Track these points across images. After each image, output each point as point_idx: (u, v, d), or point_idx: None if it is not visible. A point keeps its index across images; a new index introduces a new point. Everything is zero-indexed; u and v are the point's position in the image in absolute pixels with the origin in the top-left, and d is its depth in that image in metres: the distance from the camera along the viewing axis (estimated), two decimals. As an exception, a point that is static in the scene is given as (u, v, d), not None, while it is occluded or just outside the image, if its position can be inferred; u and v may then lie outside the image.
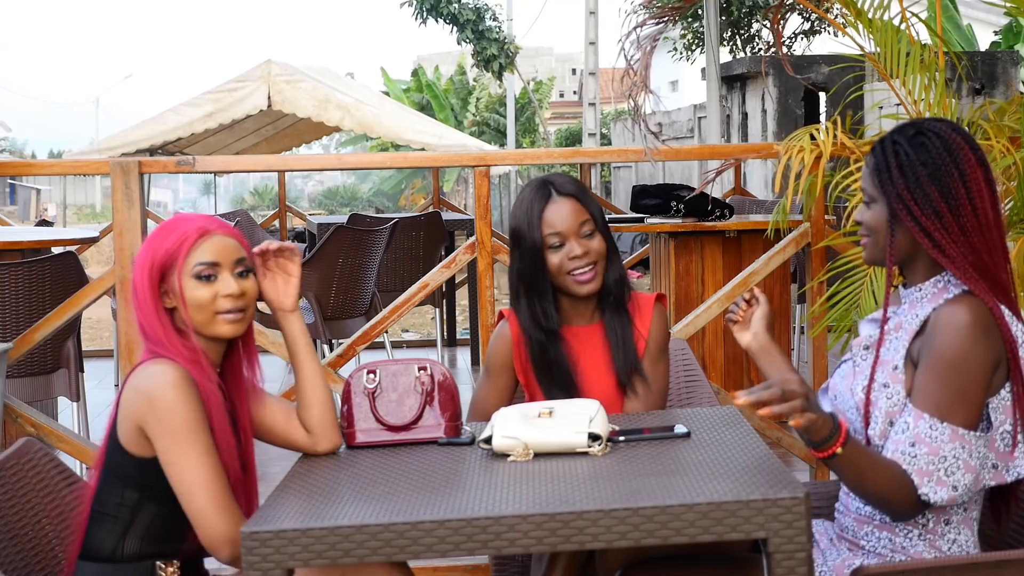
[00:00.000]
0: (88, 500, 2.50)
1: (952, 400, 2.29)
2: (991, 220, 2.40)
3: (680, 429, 2.51)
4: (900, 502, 2.30)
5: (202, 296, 2.49)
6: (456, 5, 19.48)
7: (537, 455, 2.40)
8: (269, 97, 9.88)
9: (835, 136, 3.99)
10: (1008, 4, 4.25)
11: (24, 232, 7.07)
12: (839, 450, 2.24)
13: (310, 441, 2.63)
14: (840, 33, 4.28)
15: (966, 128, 3.79)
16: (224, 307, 2.51)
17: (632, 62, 4.19)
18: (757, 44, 15.86)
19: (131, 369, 2.51)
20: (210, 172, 6.65)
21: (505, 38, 20.13)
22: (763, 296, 2.73)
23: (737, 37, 15.95)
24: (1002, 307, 2.36)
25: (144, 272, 2.50)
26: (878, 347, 2.46)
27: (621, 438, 2.48)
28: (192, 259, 2.49)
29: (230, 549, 2.37)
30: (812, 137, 4.00)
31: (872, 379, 2.42)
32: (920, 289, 2.45)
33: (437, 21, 19.74)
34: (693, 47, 16.72)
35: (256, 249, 2.64)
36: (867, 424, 2.41)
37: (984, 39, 16.38)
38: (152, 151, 10.40)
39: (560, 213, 2.87)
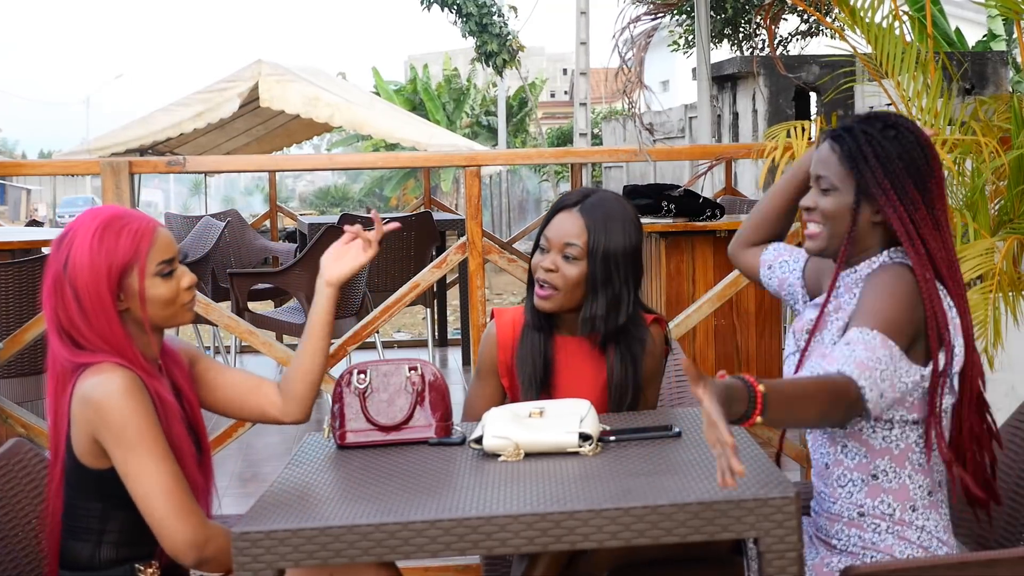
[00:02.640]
0: (54, 515, 2.47)
1: (884, 320, 2.28)
2: (946, 216, 2.44)
3: (671, 429, 2.52)
4: (843, 403, 2.19)
5: (166, 293, 2.47)
6: None
7: (528, 455, 2.40)
8: (255, 92, 9.88)
9: (810, 136, 3.99)
10: (996, 4, 4.25)
11: (14, 232, 7.06)
12: (761, 388, 2.06)
13: (280, 411, 2.64)
14: (834, 34, 4.29)
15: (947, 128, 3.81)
16: (185, 299, 2.50)
17: (626, 59, 4.19)
18: (755, 42, 15.87)
19: (67, 379, 2.43)
20: (200, 172, 6.64)
21: (508, 34, 20.11)
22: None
23: (738, 34, 15.96)
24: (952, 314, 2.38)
25: (100, 276, 2.41)
26: (812, 331, 2.47)
27: (612, 438, 2.48)
28: (153, 258, 2.45)
29: (195, 554, 2.35)
30: (789, 134, 4.01)
31: (802, 360, 2.43)
32: (856, 271, 2.48)
33: (443, 9, 19.71)
34: (691, 44, 16.72)
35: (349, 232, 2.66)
36: None
37: (971, 39, 16.41)
38: (143, 151, 10.39)
39: (561, 223, 2.83)
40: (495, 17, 19.93)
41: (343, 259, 2.67)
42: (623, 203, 2.87)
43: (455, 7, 19.54)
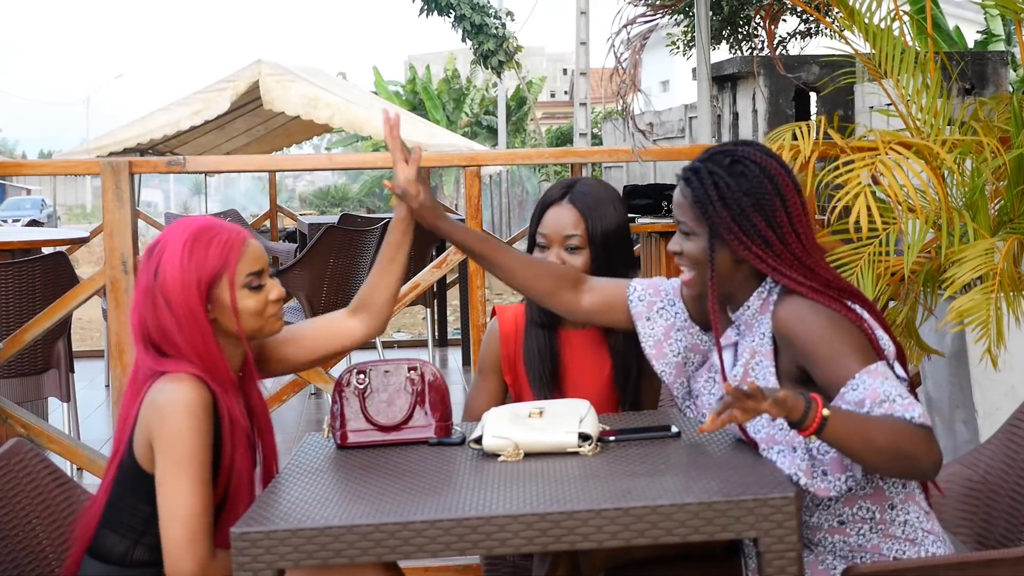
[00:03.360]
0: (100, 501, 2.49)
1: (846, 357, 2.27)
2: (813, 241, 2.42)
3: (671, 429, 2.52)
4: (915, 440, 2.18)
5: (254, 305, 2.49)
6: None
7: (527, 455, 2.40)
8: (253, 91, 9.88)
9: (816, 135, 3.99)
10: (996, 4, 4.25)
11: (14, 232, 7.06)
12: (825, 412, 2.16)
13: (363, 327, 2.70)
14: (835, 34, 4.29)
15: (954, 125, 3.80)
16: (272, 311, 2.53)
17: (622, 60, 4.19)
18: (755, 42, 15.88)
19: (143, 382, 2.46)
20: (201, 172, 6.64)
21: (504, 35, 20.12)
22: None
23: (736, 34, 15.96)
24: (858, 309, 2.36)
25: (191, 288, 2.43)
26: (723, 376, 2.45)
27: (611, 438, 2.48)
28: (241, 270, 2.48)
29: None
30: (795, 136, 4.01)
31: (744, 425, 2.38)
32: (748, 307, 2.45)
33: (440, 15, 19.75)
34: (691, 45, 16.73)
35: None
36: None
37: (970, 39, 16.41)
38: (142, 151, 10.39)
39: (555, 218, 2.85)
40: (491, 19, 19.94)
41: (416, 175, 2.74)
42: (605, 184, 2.93)
43: (450, 11, 19.56)
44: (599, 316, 2.74)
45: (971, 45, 15.43)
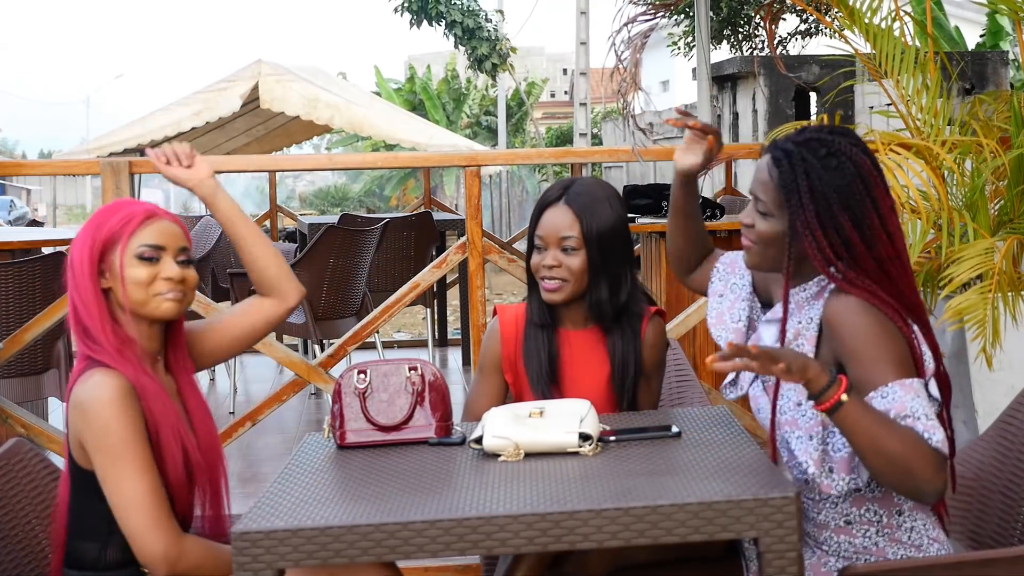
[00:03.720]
0: (62, 515, 2.48)
1: (884, 364, 2.25)
2: (903, 247, 2.36)
3: (671, 429, 2.52)
4: (924, 460, 2.17)
5: (141, 275, 2.49)
6: (444, 6, 19.46)
7: (528, 455, 2.40)
8: (256, 92, 9.88)
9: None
10: (996, 4, 4.25)
11: (14, 232, 7.06)
12: (844, 397, 2.16)
13: (277, 303, 2.74)
14: (835, 34, 4.29)
15: (951, 126, 3.80)
16: (161, 289, 2.51)
17: (622, 60, 4.19)
18: (755, 42, 15.87)
19: (72, 379, 2.47)
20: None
21: (497, 37, 20.11)
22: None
23: (736, 34, 15.95)
24: (914, 326, 2.34)
25: (85, 248, 2.49)
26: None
27: (612, 438, 2.48)
28: (137, 239, 2.49)
29: (165, 568, 2.37)
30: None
31: (778, 388, 2.39)
32: (805, 289, 2.43)
33: (431, 24, 19.75)
34: (691, 45, 16.72)
35: (158, 157, 2.78)
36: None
37: (971, 39, 16.41)
38: (142, 151, 10.38)
39: (551, 219, 2.86)
40: (483, 22, 19.93)
41: (191, 168, 2.81)
42: (602, 183, 2.92)
43: (441, 19, 19.57)
44: (695, 285, 2.87)
45: (972, 46, 15.42)
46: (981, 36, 15.30)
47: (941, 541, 2.40)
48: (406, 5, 19.40)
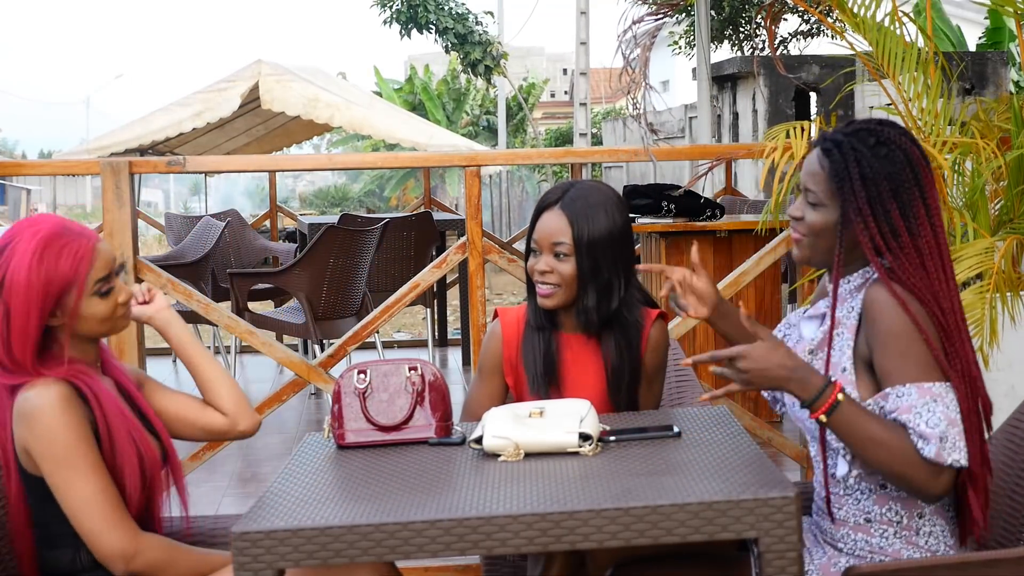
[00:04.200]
0: (23, 527, 2.46)
1: (911, 363, 2.27)
2: (944, 242, 2.38)
3: (671, 429, 2.52)
4: (915, 469, 2.22)
5: (104, 310, 2.48)
6: (434, 14, 19.45)
7: (528, 455, 2.40)
8: (256, 92, 9.88)
9: (810, 135, 3.99)
10: (996, 4, 4.25)
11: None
12: (840, 396, 2.22)
13: (229, 423, 2.67)
14: (835, 34, 4.29)
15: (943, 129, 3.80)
16: (120, 313, 2.53)
17: (630, 59, 4.19)
18: (755, 42, 15.86)
19: (6, 401, 2.43)
20: (200, 172, 6.64)
21: (489, 41, 20.10)
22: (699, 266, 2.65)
23: (738, 34, 15.95)
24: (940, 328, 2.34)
25: (34, 296, 2.39)
26: (828, 350, 2.42)
27: (612, 438, 2.48)
28: (92, 277, 2.45)
29: (123, 565, 2.37)
30: (789, 135, 4.00)
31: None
32: (849, 281, 2.44)
33: (421, 32, 19.76)
34: (691, 44, 16.72)
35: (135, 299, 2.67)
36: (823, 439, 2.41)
37: (972, 39, 16.40)
38: (142, 151, 10.39)
39: (546, 224, 2.84)
40: (473, 26, 19.92)
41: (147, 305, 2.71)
42: (601, 189, 2.88)
43: (431, 26, 19.56)
44: None
45: (972, 47, 15.42)
46: (981, 37, 15.29)
47: (957, 551, 2.40)
48: (394, 16, 19.42)
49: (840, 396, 2.22)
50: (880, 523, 2.39)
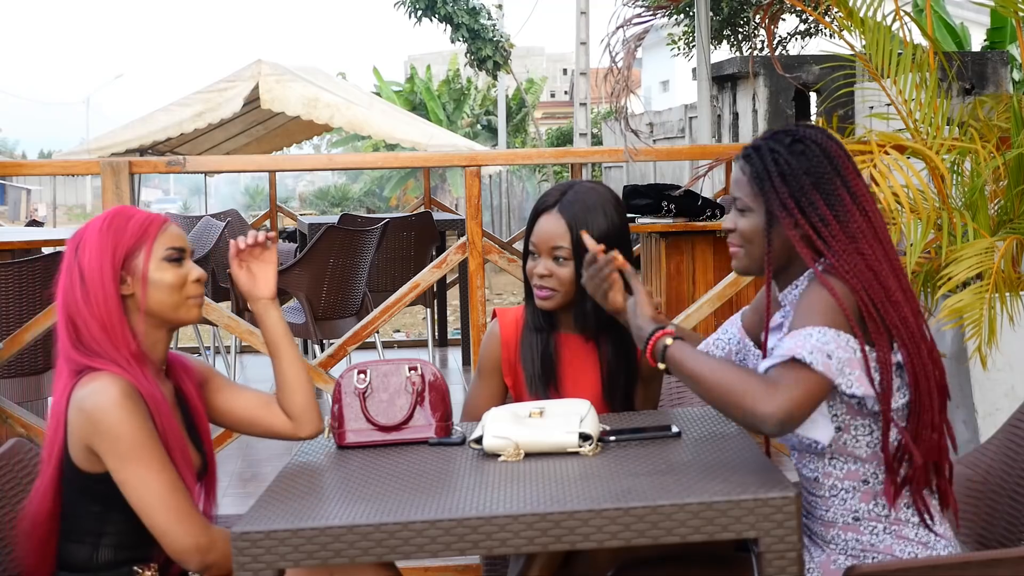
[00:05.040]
0: (41, 511, 2.45)
1: (812, 318, 2.26)
2: (879, 223, 2.40)
3: (671, 429, 2.52)
4: (746, 379, 2.20)
5: (170, 278, 2.47)
6: (451, 5, 19.42)
7: (528, 455, 2.40)
8: (257, 92, 9.88)
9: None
10: (994, 3, 4.25)
11: (14, 232, 7.06)
12: (669, 341, 2.30)
13: (292, 428, 2.65)
14: (833, 34, 4.29)
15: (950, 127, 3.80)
16: (193, 292, 2.51)
17: (617, 61, 4.18)
18: (754, 42, 15.86)
19: (66, 382, 2.43)
20: (200, 172, 6.64)
21: (500, 37, 20.09)
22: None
23: (737, 34, 15.95)
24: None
25: (105, 256, 2.44)
26: (764, 351, 2.46)
27: (612, 438, 2.48)
28: (161, 242, 2.48)
29: (199, 558, 2.36)
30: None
31: None
32: (796, 286, 2.45)
33: (432, 20, 19.69)
34: (691, 44, 16.73)
35: (232, 246, 2.63)
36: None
37: (976, 39, 16.40)
38: (142, 151, 10.39)
39: (544, 227, 2.84)
40: (486, 21, 19.90)
41: (260, 273, 2.66)
42: (599, 190, 2.88)
43: (446, 18, 19.51)
44: None
45: (974, 47, 15.41)
46: (986, 40, 15.28)
47: (948, 538, 2.40)
48: (413, 1, 19.31)
49: (668, 340, 2.30)
50: (869, 520, 2.40)
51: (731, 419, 2.26)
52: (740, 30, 15.93)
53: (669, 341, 2.31)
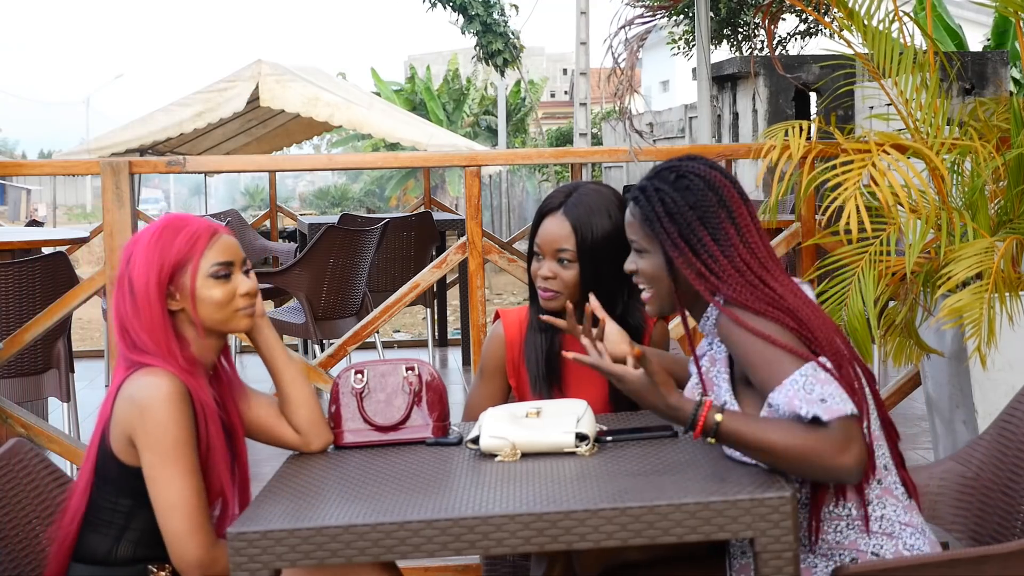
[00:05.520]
0: (79, 504, 2.48)
1: (779, 361, 2.26)
2: (764, 252, 2.41)
3: (668, 429, 2.52)
4: (814, 441, 2.18)
5: (217, 295, 2.49)
6: None
7: (525, 455, 2.40)
8: (257, 92, 9.88)
9: (808, 135, 3.98)
10: (996, 3, 4.25)
11: (14, 232, 7.06)
12: (718, 417, 2.23)
13: (302, 441, 2.64)
14: (834, 34, 4.29)
15: (953, 126, 3.80)
16: (241, 305, 2.53)
17: (619, 61, 4.18)
18: (754, 42, 15.86)
19: (122, 375, 2.48)
20: (200, 172, 6.64)
21: (512, 33, 20.06)
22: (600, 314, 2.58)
23: (737, 34, 15.95)
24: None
25: (152, 272, 2.47)
26: (703, 390, 2.47)
27: (609, 438, 2.48)
28: (208, 259, 2.49)
29: (200, 572, 2.38)
30: (787, 134, 4.00)
31: None
32: (707, 317, 2.47)
33: (445, 8, 19.61)
34: (691, 44, 16.72)
35: None
36: None
37: (975, 39, 16.40)
38: (142, 151, 10.39)
39: (548, 229, 2.85)
40: (498, 16, 19.86)
41: None
42: (603, 192, 2.90)
43: (461, 8, 19.45)
44: None
45: (974, 47, 15.41)
46: (990, 40, 15.28)
47: (915, 525, 2.40)
48: None
49: (718, 416, 2.24)
50: (831, 519, 2.39)
51: (799, 475, 2.25)
52: (740, 30, 15.94)
53: (719, 418, 2.24)
